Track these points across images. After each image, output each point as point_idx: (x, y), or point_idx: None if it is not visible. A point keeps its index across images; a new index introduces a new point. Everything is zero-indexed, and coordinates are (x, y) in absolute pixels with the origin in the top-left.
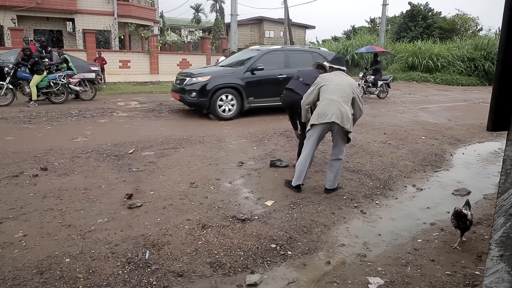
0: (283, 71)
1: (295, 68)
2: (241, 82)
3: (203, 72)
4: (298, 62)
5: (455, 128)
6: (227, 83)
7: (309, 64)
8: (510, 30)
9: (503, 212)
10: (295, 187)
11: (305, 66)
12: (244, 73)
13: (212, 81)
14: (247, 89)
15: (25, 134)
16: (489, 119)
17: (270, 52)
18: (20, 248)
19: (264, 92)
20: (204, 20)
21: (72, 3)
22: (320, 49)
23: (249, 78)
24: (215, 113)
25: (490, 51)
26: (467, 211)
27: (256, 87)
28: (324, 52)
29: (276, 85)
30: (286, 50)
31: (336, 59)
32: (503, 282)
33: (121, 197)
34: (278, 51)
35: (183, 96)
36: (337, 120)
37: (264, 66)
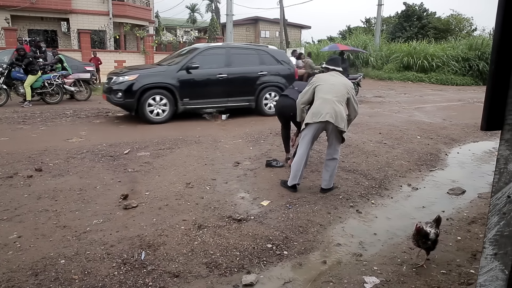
0: (224, 70)
1: (238, 67)
2: (174, 82)
3: (130, 70)
4: (242, 61)
5: (450, 127)
6: (157, 82)
7: (255, 63)
8: (503, 30)
9: (497, 210)
10: (291, 187)
11: (250, 65)
12: (178, 72)
13: (140, 80)
14: (181, 89)
15: (19, 135)
16: (483, 119)
17: (209, 50)
18: (15, 249)
19: (202, 93)
20: (200, 20)
21: (67, 3)
22: (268, 48)
23: (184, 78)
24: (144, 116)
25: (484, 51)
26: (431, 229)
27: (192, 88)
28: (273, 51)
29: (215, 86)
30: (228, 48)
31: (332, 60)
32: (497, 280)
33: (116, 197)
34: (218, 48)
35: (110, 97)
36: (331, 120)
37: (202, 64)
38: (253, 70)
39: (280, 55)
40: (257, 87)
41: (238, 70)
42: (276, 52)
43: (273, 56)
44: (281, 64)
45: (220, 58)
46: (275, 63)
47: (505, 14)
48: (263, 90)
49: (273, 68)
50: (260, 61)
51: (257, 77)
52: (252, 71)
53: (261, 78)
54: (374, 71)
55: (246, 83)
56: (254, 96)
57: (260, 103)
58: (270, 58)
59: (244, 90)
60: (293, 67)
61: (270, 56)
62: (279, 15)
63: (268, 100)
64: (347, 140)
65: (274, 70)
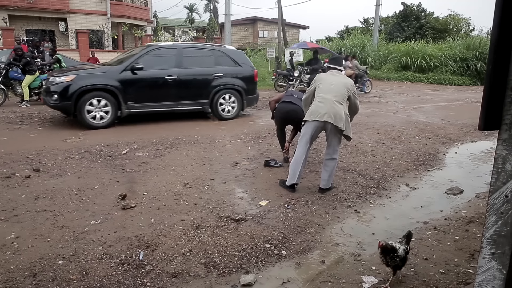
0: (174, 71)
1: (190, 68)
2: (116, 84)
3: (68, 71)
4: (195, 62)
5: (448, 127)
6: (96, 84)
7: (210, 64)
8: (501, 30)
9: (494, 210)
10: (289, 187)
11: (204, 66)
12: (121, 72)
13: (77, 81)
14: (125, 92)
15: (17, 135)
16: (481, 119)
17: (158, 49)
18: (12, 250)
19: (149, 96)
20: (198, 20)
21: (65, 2)
22: (225, 48)
23: (128, 79)
24: (83, 121)
25: (482, 51)
26: (400, 245)
27: (137, 90)
28: (231, 51)
29: (164, 88)
30: (180, 48)
31: (334, 59)
32: (495, 280)
33: (114, 198)
34: (169, 48)
35: (46, 99)
36: (329, 120)
37: (150, 65)
38: (207, 71)
39: (239, 56)
40: (212, 89)
41: (190, 71)
42: (234, 53)
43: (231, 57)
44: (239, 66)
45: (170, 58)
46: (233, 64)
47: (502, 15)
48: (218, 93)
49: (230, 69)
50: (215, 62)
51: (211, 79)
52: (205, 72)
53: (216, 80)
54: (372, 71)
55: (199, 85)
56: (208, 99)
57: (215, 106)
58: (227, 59)
59: (196, 92)
60: (253, 68)
61: (227, 57)
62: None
63: (225, 104)
64: (345, 140)
65: (231, 72)
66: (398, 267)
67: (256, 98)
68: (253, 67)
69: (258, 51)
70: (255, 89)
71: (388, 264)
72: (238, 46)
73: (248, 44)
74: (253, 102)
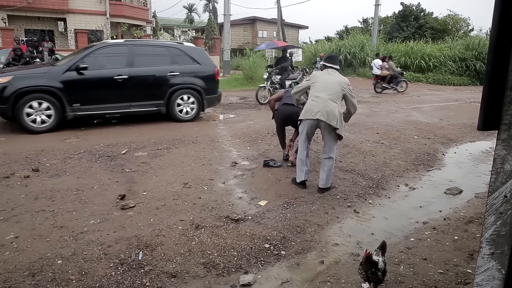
0: (124, 70)
1: (143, 67)
2: (59, 85)
3: (5, 71)
4: (149, 60)
5: (447, 127)
6: (35, 85)
7: (165, 62)
8: (500, 30)
9: (493, 210)
10: (300, 183)
11: (158, 65)
12: (64, 73)
13: (14, 83)
14: (69, 93)
15: (16, 135)
16: (480, 119)
17: (106, 48)
18: (11, 250)
19: (96, 98)
20: (197, 20)
21: (64, 2)
22: (183, 45)
23: (72, 80)
24: (22, 125)
25: (481, 51)
26: (378, 257)
27: (83, 91)
28: (189, 48)
29: (113, 89)
30: (131, 45)
31: (329, 57)
32: (494, 280)
33: (114, 198)
34: (119, 46)
35: None
36: (322, 118)
37: (97, 64)
38: (162, 70)
39: (198, 53)
40: (167, 89)
41: (142, 70)
42: (192, 50)
43: (189, 54)
44: (199, 64)
45: (121, 56)
46: (191, 62)
47: (501, 15)
48: (175, 93)
49: (188, 68)
50: (171, 61)
51: (167, 78)
52: (160, 71)
53: (173, 79)
54: (372, 71)
55: (153, 86)
56: (163, 100)
57: (172, 107)
58: (185, 57)
59: (150, 93)
60: (213, 66)
61: (184, 55)
62: (276, 15)
63: (183, 105)
64: (345, 140)
65: (189, 71)
66: (379, 282)
67: (218, 98)
68: (213, 65)
69: (258, 51)
70: (217, 89)
71: (370, 279)
72: (237, 46)
73: (247, 44)
74: (215, 102)
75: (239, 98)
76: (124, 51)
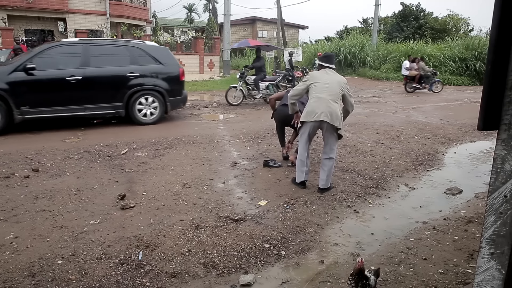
0: (78, 71)
1: (99, 68)
2: (4, 86)
3: None
4: (106, 60)
5: (447, 127)
6: None
7: (124, 63)
8: (500, 30)
9: (493, 210)
10: (300, 183)
11: (116, 65)
12: (11, 73)
13: None
14: (16, 95)
15: (16, 135)
16: (480, 119)
17: (59, 47)
18: (11, 250)
19: (47, 100)
20: (197, 20)
21: (64, 2)
22: (145, 44)
23: (20, 81)
24: None
25: (481, 51)
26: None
27: (32, 93)
28: (151, 48)
29: (66, 90)
30: (87, 44)
31: (326, 57)
32: (494, 280)
33: (114, 198)
34: (73, 45)
35: None
36: (326, 119)
37: (49, 64)
38: (120, 70)
39: (161, 53)
40: (126, 91)
41: (98, 71)
42: (154, 50)
43: (151, 54)
44: (161, 64)
45: (75, 56)
46: (153, 62)
47: (501, 15)
48: (135, 95)
49: (150, 68)
50: (131, 61)
51: (125, 79)
52: (117, 72)
53: (132, 80)
54: (372, 71)
55: (110, 87)
56: (122, 102)
57: (132, 110)
58: (146, 57)
59: (107, 95)
60: (177, 67)
61: (146, 55)
62: (276, 15)
63: (144, 107)
64: (345, 140)
65: (150, 71)
66: None
67: (183, 100)
68: (178, 66)
69: None
70: (182, 90)
71: None
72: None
73: None
74: (180, 104)
75: None
76: (79, 50)
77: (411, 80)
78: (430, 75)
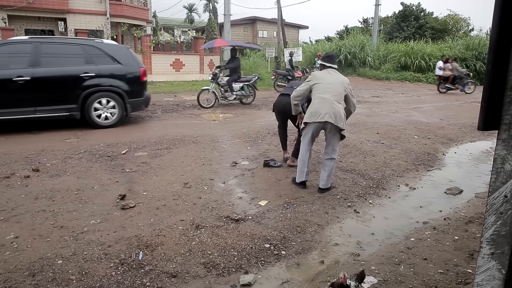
0: (26, 71)
1: (50, 68)
2: None
3: None
4: (59, 60)
5: (447, 127)
6: None
7: (78, 62)
8: (500, 30)
9: (494, 210)
10: (300, 184)
11: (70, 64)
12: None
13: None
14: None
15: (16, 135)
16: (480, 119)
17: (5, 45)
18: (12, 250)
19: None
20: (197, 20)
21: (64, 2)
22: (102, 43)
23: None
24: None
25: (481, 51)
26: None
27: None
28: (108, 46)
29: (13, 92)
30: (37, 43)
31: (328, 57)
32: (494, 280)
33: (114, 198)
34: (22, 43)
35: None
36: (330, 120)
37: None
38: (73, 70)
39: (119, 52)
40: (81, 92)
41: (49, 71)
42: (113, 49)
43: (108, 53)
44: (120, 64)
45: (23, 55)
46: (110, 62)
47: (502, 15)
48: (90, 97)
49: (107, 68)
50: (86, 60)
51: (79, 79)
52: (71, 72)
53: (87, 81)
54: (372, 71)
55: (62, 88)
56: (77, 104)
57: (88, 112)
58: (104, 56)
59: (60, 96)
60: (138, 67)
61: (103, 54)
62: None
63: (101, 109)
64: (345, 140)
65: (107, 71)
66: None
67: (145, 101)
68: (139, 65)
69: (258, 51)
70: (143, 91)
71: None
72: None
73: None
74: (141, 106)
75: None
76: (28, 49)
77: (444, 80)
78: (464, 76)
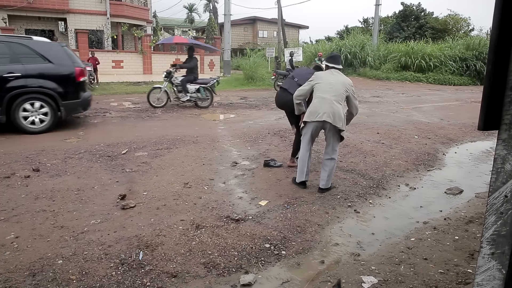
0: None
1: None
2: None
3: None
4: None
5: (447, 127)
6: None
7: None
8: (500, 30)
9: (494, 210)
10: (300, 183)
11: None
12: None
13: None
14: None
15: (16, 135)
16: (480, 118)
17: None
18: (12, 250)
19: None
20: (198, 20)
21: (64, 2)
22: (32, 40)
23: None
24: None
25: (482, 51)
26: None
27: None
28: (37, 44)
29: None
30: None
31: (332, 57)
32: (494, 280)
33: (114, 198)
34: None
35: None
36: (328, 119)
37: None
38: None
39: (51, 50)
40: (5, 94)
41: None
42: (43, 47)
43: (38, 52)
44: (51, 63)
45: None
46: (41, 61)
47: (502, 14)
48: (17, 99)
49: (35, 67)
50: (12, 59)
51: (3, 80)
52: None
53: (12, 82)
54: (372, 71)
55: None
56: (1, 107)
57: (15, 116)
58: (32, 55)
59: None
60: (72, 66)
61: (32, 52)
62: (277, 15)
63: (30, 113)
64: (345, 140)
65: (36, 71)
66: None
67: (83, 103)
68: (74, 64)
69: (258, 51)
70: (79, 92)
71: None
72: (237, 46)
73: (248, 44)
74: (78, 109)
75: (239, 98)
76: None
77: None
78: None
